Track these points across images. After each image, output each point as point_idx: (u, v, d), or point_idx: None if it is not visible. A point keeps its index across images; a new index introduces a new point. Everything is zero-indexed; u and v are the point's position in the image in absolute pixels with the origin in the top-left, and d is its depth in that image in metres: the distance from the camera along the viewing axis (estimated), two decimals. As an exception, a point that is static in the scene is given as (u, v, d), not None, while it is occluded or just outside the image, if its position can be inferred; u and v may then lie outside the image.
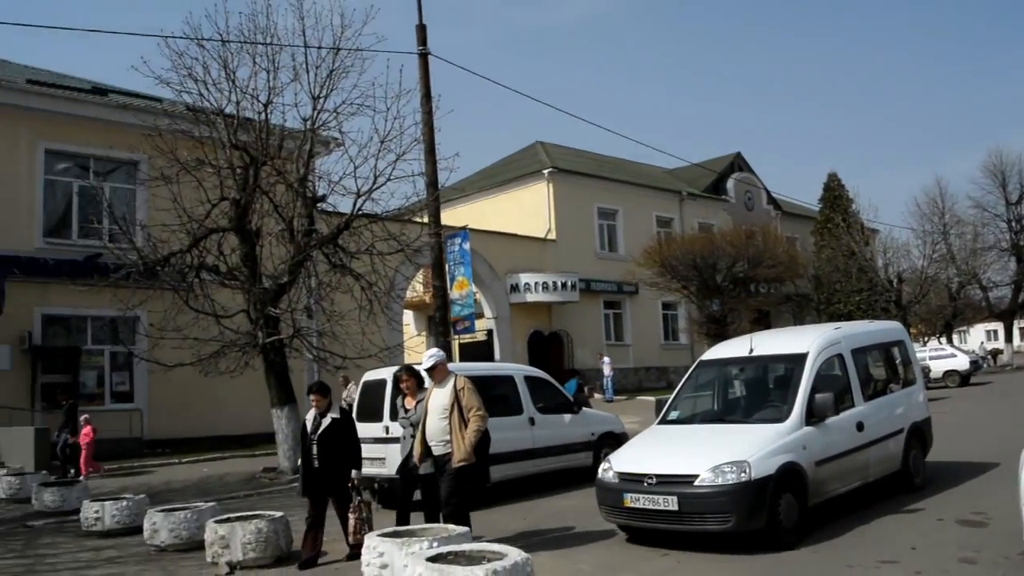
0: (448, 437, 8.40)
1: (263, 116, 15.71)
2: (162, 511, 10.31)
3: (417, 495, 9.14)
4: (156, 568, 9.32)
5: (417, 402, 9.10)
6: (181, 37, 15.30)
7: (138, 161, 20.28)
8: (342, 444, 8.82)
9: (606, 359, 32.78)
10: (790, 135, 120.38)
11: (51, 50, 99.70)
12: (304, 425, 9.10)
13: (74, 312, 21.55)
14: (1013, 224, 48.02)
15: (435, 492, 8.68)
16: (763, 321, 37.43)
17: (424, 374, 8.96)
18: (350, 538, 8.72)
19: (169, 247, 15.38)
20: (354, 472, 8.84)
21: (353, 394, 17.13)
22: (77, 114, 22.50)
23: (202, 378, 15.70)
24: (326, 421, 8.83)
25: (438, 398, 8.60)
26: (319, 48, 15.75)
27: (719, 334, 28.67)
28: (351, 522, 8.77)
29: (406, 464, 9.13)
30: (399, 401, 9.54)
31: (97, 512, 11.55)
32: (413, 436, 8.95)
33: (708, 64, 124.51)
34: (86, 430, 17.52)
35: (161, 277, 15.72)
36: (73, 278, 19.70)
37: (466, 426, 8.35)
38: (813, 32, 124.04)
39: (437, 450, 8.55)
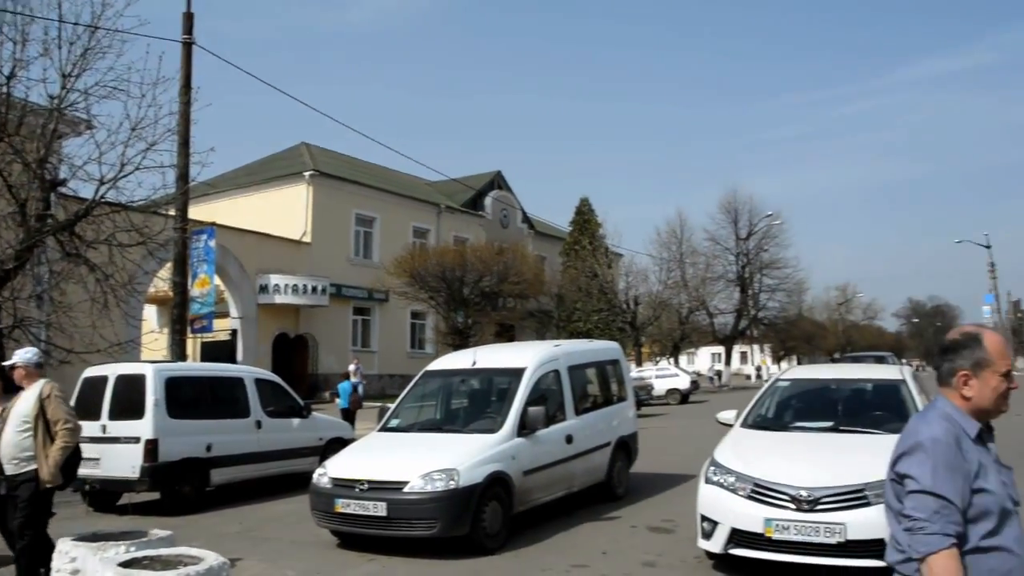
0: (25, 454, 6.96)
1: (4, 89, 14.63)
2: None
3: None
4: None
5: (2, 409, 7.43)
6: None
7: None
8: None
9: (360, 366, 32.61)
10: (550, 160, 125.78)
11: None
12: None
13: None
14: (740, 258, 52.97)
15: (7, 517, 7.17)
16: (507, 334, 38.81)
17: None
18: None
19: None
20: None
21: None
22: None
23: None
24: None
25: (19, 406, 7.14)
26: (75, 24, 14.88)
27: (462, 345, 29.43)
28: None
29: None
30: None
31: None
32: None
33: (479, 84, 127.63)
34: None
35: None
36: None
37: (52, 442, 6.95)
38: (573, 69, 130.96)
39: (10, 469, 7.02)
